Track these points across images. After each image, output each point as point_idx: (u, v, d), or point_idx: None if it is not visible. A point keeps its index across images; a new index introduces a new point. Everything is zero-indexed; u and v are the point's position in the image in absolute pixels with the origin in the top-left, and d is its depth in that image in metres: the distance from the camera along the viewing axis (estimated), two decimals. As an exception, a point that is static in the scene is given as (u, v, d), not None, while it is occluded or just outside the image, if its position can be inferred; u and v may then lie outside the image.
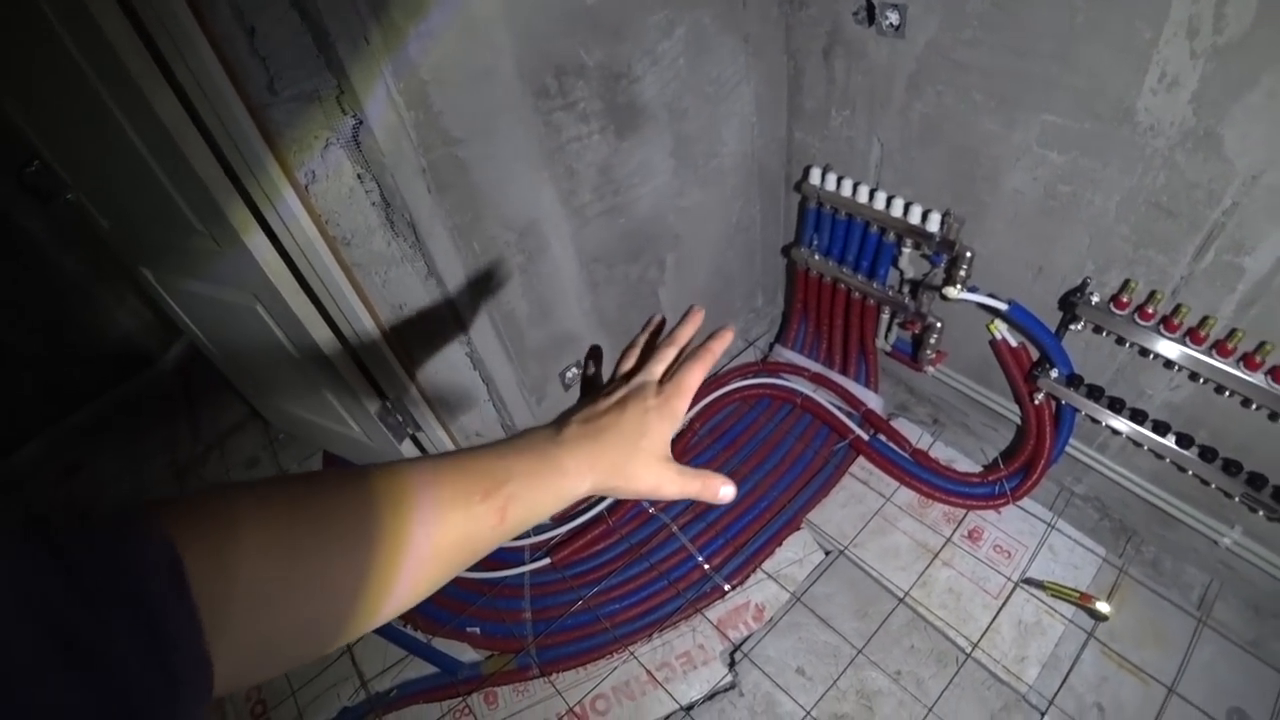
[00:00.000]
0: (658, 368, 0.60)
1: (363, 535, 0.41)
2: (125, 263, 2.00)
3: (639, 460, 0.53)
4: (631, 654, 1.91)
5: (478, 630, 2.01)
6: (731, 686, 1.81)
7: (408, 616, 2.10)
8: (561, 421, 0.55)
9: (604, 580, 2.05)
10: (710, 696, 1.80)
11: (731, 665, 1.85)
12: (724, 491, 0.56)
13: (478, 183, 1.47)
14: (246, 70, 1.16)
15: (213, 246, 1.51)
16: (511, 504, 0.47)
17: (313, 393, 1.94)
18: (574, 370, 1.97)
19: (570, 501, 0.51)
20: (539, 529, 2.18)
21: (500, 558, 2.17)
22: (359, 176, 1.35)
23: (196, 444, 2.89)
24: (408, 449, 2.02)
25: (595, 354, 0.69)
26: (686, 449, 2.32)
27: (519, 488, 0.48)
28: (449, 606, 2.08)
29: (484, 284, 1.60)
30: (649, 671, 1.87)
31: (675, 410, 0.57)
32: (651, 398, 0.57)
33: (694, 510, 2.15)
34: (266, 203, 1.34)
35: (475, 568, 2.15)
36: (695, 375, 0.60)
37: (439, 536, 0.44)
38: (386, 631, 2.09)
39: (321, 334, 1.64)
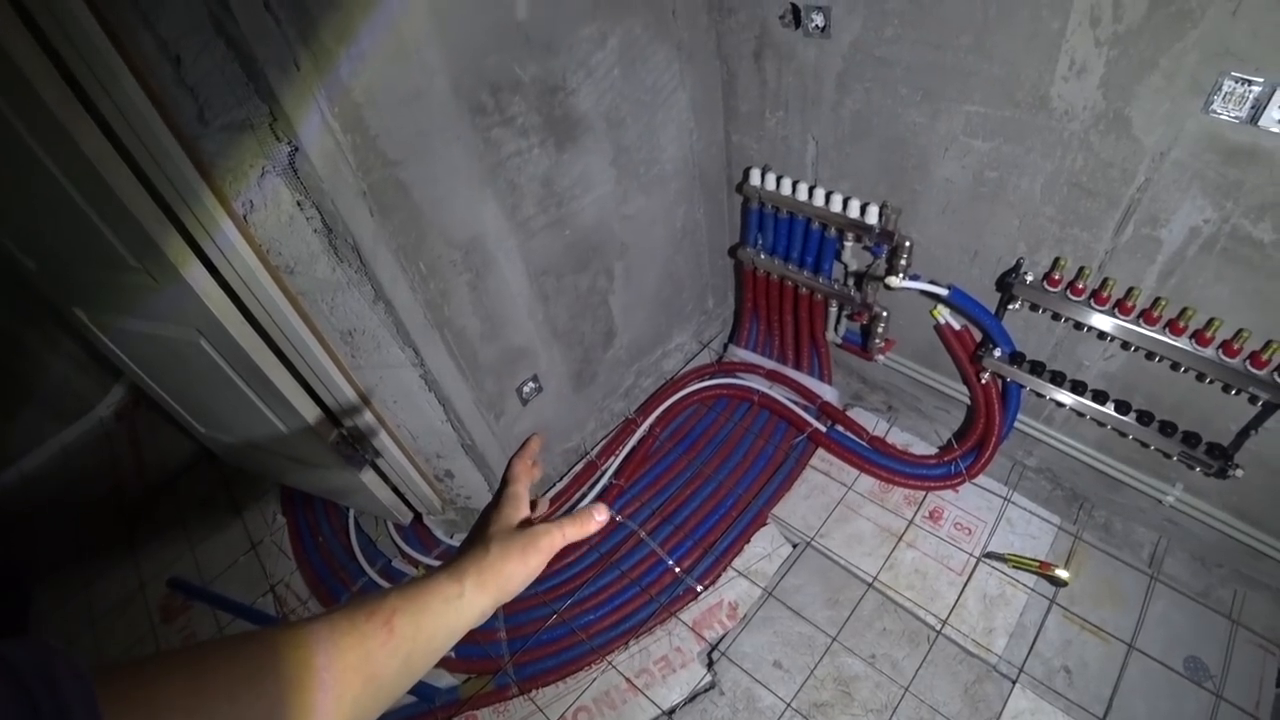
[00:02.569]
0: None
1: (262, 677, 0.43)
2: (55, 304, 1.93)
3: (495, 547, 0.59)
4: (610, 663, 1.91)
5: (452, 654, 1.98)
6: (711, 686, 1.82)
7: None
8: None
9: (576, 592, 2.04)
10: (691, 698, 1.81)
11: (710, 665, 1.86)
12: (598, 516, 0.64)
13: (420, 203, 1.46)
14: (174, 100, 1.14)
15: (149, 282, 1.47)
16: (397, 616, 0.51)
17: (264, 426, 1.89)
18: (530, 385, 1.97)
19: (464, 612, 0.55)
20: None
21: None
22: (298, 204, 1.33)
23: (144, 489, 2.79)
24: (369, 478, 1.99)
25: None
26: (649, 454, 2.33)
27: (400, 601, 0.52)
28: (421, 633, 2.04)
29: (433, 304, 1.59)
30: (628, 679, 1.87)
31: (505, 499, 0.65)
32: (492, 508, 0.65)
33: (661, 515, 2.16)
34: (204, 235, 1.31)
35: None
36: (518, 470, 0.69)
37: (339, 665, 0.47)
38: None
39: (270, 366, 1.61)
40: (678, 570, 2.04)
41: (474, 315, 1.70)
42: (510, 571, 0.58)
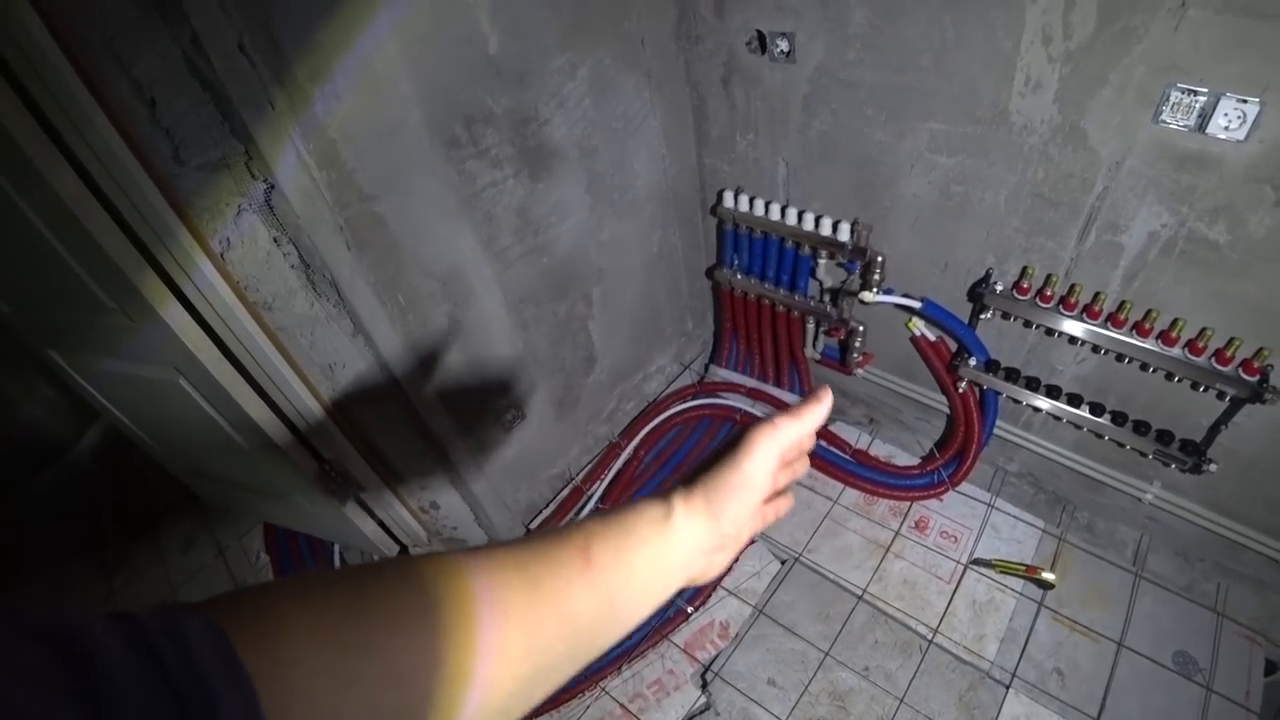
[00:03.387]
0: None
1: (421, 620, 0.37)
2: (31, 347, 1.90)
3: (700, 475, 0.50)
4: (603, 689, 1.89)
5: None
6: (707, 708, 1.81)
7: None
8: None
9: (568, 619, 2.02)
10: (687, 721, 1.80)
11: (704, 686, 1.85)
12: (824, 397, 0.52)
13: (397, 236, 1.47)
14: (150, 142, 1.15)
15: (126, 323, 1.46)
16: (594, 542, 0.43)
17: (246, 463, 1.87)
18: (512, 412, 1.97)
19: (673, 541, 0.47)
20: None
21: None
22: (275, 240, 1.34)
23: (124, 531, 2.73)
24: (352, 511, 1.97)
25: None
26: (634, 477, 2.33)
27: (599, 526, 0.45)
28: (411, 669, 2.01)
29: (413, 335, 1.59)
30: (623, 705, 1.85)
31: (765, 457, 0.51)
32: (743, 457, 0.51)
33: (650, 537, 2.16)
34: (181, 273, 1.31)
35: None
36: (785, 423, 0.53)
37: (503, 598, 0.40)
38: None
39: (250, 402, 1.60)
40: (669, 592, 2.03)
41: (454, 345, 1.71)
42: (719, 482, 0.48)
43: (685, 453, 2.38)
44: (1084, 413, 1.69)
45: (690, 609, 1.99)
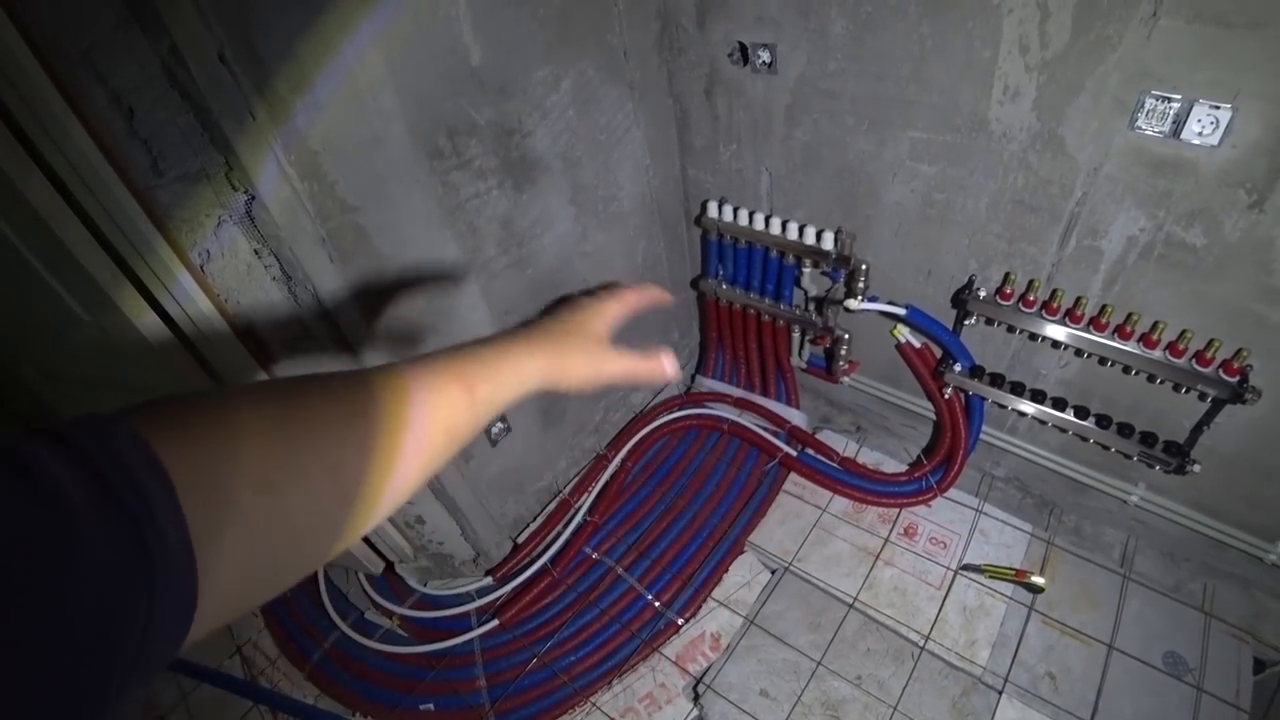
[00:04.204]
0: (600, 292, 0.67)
1: (361, 415, 0.43)
2: (3, 362, 1.86)
3: (575, 345, 0.59)
4: (594, 705, 1.86)
5: (431, 707, 1.92)
6: (699, 721, 1.79)
7: (355, 704, 1.99)
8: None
9: (556, 634, 2.00)
10: (679, 735, 1.78)
11: (696, 699, 1.83)
12: (667, 364, 0.62)
13: (380, 247, 1.46)
14: (128, 153, 1.13)
15: (102, 337, 1.43)
16: (479, 385, 0.52)
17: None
18: (499, 425, 1.95)
19: (527, 383, 0.56)
20: (483, 591, 2.11)
21: (447, 626, 2.08)
22: (256, 252, 1.32)
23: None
24: (336, 529, 1.93)
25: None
26: (622, 489, 2.32)
27: (481, 370, 0.53)
28: (398, 686, 1.98)
29: (396, 349, 1.57)
30: (614, 720, 1.83)
31: (607, 310, 0.63)
32: (589, 303, 0.64)
33: (638, 549, 2.14)
34: (160, 286, 1.29)
35: (420, 640, 2.06)
36: (630, 294, 0.66)
37: (429, 415, 0.48)
38: (333, 727, 1.96)
39: (231, 419, 1.57)
40: (657, 605, 2.01)
41: (440, 357, 1.69)
42: (578, 372, 0.58)
43: (673, 463, 2.37)
44: (1069, 416, 1.70)
45: (681, 620, 1.97)
